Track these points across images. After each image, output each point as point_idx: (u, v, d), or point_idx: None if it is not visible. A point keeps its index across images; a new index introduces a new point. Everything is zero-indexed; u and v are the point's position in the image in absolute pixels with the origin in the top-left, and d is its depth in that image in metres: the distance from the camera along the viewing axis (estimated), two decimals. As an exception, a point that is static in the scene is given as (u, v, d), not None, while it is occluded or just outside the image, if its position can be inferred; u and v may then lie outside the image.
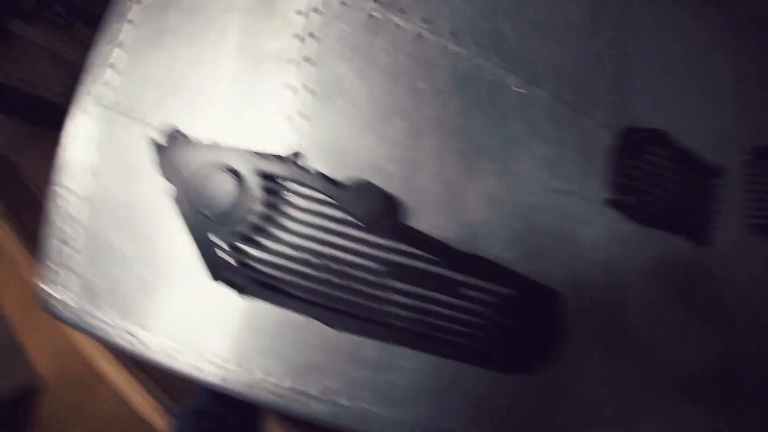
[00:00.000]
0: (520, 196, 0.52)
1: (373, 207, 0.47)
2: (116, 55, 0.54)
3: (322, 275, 0.47)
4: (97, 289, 0.54)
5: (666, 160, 0.58)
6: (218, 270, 0.46)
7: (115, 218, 0.52)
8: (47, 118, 0.97)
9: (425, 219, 0.49)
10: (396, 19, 0.51)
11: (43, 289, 0.57)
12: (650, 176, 0.57)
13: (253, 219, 0.46)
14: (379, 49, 0.50)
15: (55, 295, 0.56)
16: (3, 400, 0.97)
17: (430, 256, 0.48)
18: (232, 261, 0.47)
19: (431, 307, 0.48)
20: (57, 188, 0.55)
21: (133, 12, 0.55)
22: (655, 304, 0.57)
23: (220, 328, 0.50)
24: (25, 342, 1.02)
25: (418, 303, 0.48)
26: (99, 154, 0.53)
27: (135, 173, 0.52)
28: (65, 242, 0.54)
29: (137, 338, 0.52)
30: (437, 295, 0.48)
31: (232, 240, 0.46)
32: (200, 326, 0.51)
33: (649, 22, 0.61)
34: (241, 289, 0.47)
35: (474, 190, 0.51)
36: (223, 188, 0.46)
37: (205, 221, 0.46)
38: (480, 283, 0.50)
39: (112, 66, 0.53)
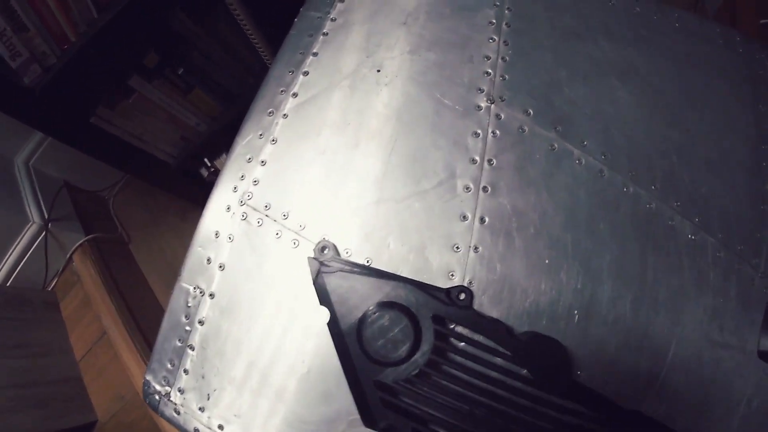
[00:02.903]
0: (685, 348, 0.44)
1: (548, 362, 0.38)
2: (268, 151, 0.46)
3: (484, 430, 0.38)
4: (209, 392, 0.45)
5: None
6: (376, 417, 0.37)
7: (238, 320, 0.44)
8: (153, 175, 0.90)
9: (591, 370, 0.41)
10: (577, 152, 0.43)
11: (149, 383, 0.48)
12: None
13: (422, 366, 0.37)
14: (559, 183, 0.42)
15: (160, 390, 0.47)
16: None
17: (599, 416, 0.39)
18: (389, 407, 0.38)
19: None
20: (182, 282, 0.46)
21: (289, 105, 0.47)
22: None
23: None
24: (88, 381, 0.91)
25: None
26: (233, 252, 0.44)
27: (271, 280, 0.43)
28: (180, 337, 0.46)
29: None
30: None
31: (395, 386, 0.37)
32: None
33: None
34: (393, 437, 0.38)
35: (643, 341, 0.42)
36: (394, 329, 0.37)
37: (366, 361, 0.37)
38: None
39: (263, 163, 0.45)
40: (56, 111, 0.76)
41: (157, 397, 0.47)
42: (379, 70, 0.47)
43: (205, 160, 1.03)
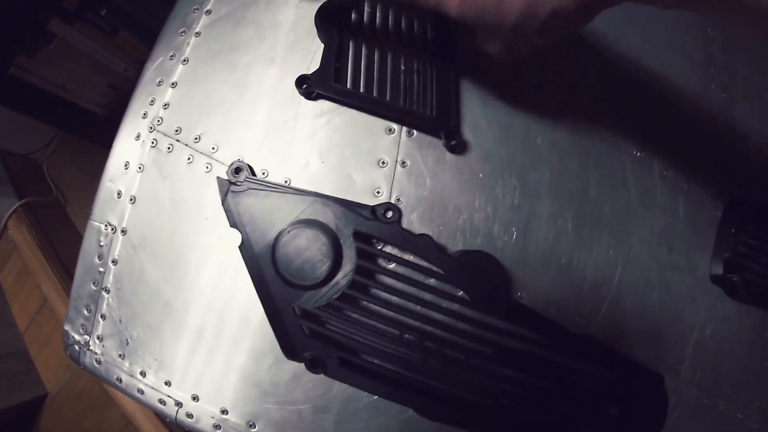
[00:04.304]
0: (632, 271, 0.41)
1: (483, 280, 0.35)
2: (180, 72, 0.41)
3: (418, 357, 0.35)
4: (128, 337, 0.41)
5: (773, 236, 0.47)
6: (298, 348, 0.34)
7: (152, 256, 0.40)
8: (81, 127, 0.83)
9: (532, 292, 0.38)
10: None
11: (68, 333, 0.44)
12: (756, 252, 0.47)
13: (344, 288, 0.34)
14: (492, 97, 0.39)
15: (80, 340, 0.43)
16: (7, 414, 0.82)
17: (542, 339, 0.37)
18: (311, 335, 0.35)
19: (538, 396, 0.37)
20: (93, 221, 0.42)
21: (202, 23, 0.43)
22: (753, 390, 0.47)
23: (280, 401, 0.38)
24: (34, 353, 0.86)
25: (523, 391, 0.36)
26: (144, 182, 0.40)
27: (184, 209, 0.39)
28: (95, 280, 0.42)
29: (173, 399, 0.40)
30: (545, 383, 0.37)
31: (316, 312, 0.34)
32: (248, 395, 0.38)
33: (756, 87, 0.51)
34: (319, 368, 0.35)
35: (587, 261, 0.40)
36: (311, 248, 0.33)
37: (283, 286, 0.34)
38: (590, 368, 0.38)
39: (174, 85, 0.41)
40: (-28, 63, 0.68)
41: (77, 348, 0.44)
42: (299, -20, 0.42)
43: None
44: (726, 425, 0.46)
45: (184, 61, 0.42)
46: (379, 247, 0.35)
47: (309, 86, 0.37)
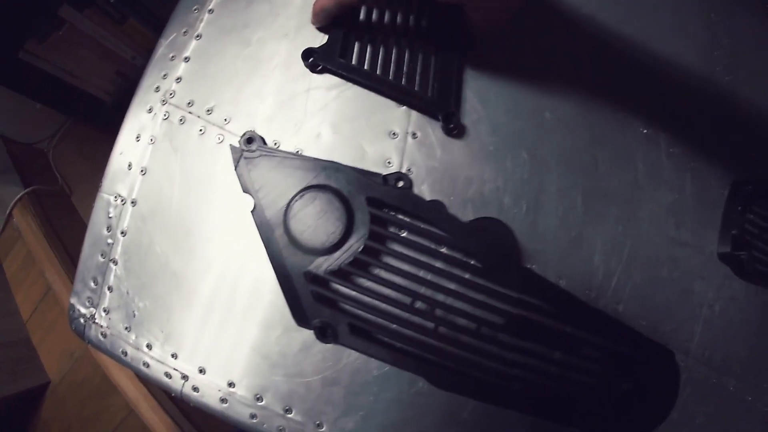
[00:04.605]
0: (641, 245, 0.42)
1: (495, 249, 0.35)
2: (193, 47, 0.42)
3: (428, 324, 0.35)
4: (135, 309, 0.41)
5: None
6: (309, 315, 0.34)
7: (162, 227, 0.40)
8: (88, 114, 0.84)
9: (542, 265, 0.38)
10: (523, 36, 0.40)
11: (73, 306, 0.44)
12: (763, 231, 0.47)
13: (356, 254, 0.34)
14: (502, 71, 0.39)
15: (85, 313, 0.43)
16: (9, 402, 0.81)
17: (554, 310, 0.37)
18: (322, 302, 0.35)
19: (548, 367, 0.37)
20: (102, 193, 0.42)
21: (215, 1, 0.43)
22: (762, 372, 0.46)
23: (288, 374, 0.38)
24: (37, 341, 0.86)
25: (534, 361, 0.36)
26: (155, 154, 0.41)
27: (195, 181, 0.39)
28: (103, 252, 0.42)
29: (180, 372, 0.40)
30: (556, 354, 0.37)
31: (328, 278, 0.34)
32: (255, 367, 0.38)
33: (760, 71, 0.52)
34: (329, 337, 0.35)
35: (596, 235, 0.40)
36: (324, 213, 0.33)
37: (294, 251, 0.34)
38: (602, 341, 0.38)
39: (187, 60, 0.41)
40: (-19, 46, 0.69)
41: (82, 321, 0.43)
42: (312, -44, 0.43)
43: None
44: (736, 406, 0.45)
45: (198, 36, 0.42)
46: (391, 214, 0.36)
47: (315, 59, 0.38)
